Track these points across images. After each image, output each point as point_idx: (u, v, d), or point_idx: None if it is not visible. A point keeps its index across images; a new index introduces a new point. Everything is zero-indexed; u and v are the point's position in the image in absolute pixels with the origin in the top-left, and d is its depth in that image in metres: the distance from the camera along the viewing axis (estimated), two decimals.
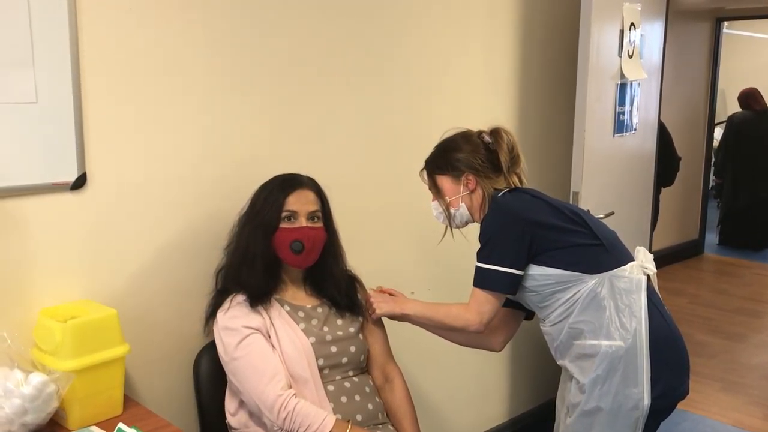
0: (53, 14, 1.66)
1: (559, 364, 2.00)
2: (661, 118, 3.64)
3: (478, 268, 1.89)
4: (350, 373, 1.92)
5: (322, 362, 1.84)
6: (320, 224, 1.91)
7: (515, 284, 1.87)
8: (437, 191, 2.02)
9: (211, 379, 1.95)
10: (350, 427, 1.74)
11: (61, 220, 1.74)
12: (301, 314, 1.90)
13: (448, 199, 2.00)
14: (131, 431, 1.52)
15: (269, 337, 1.81)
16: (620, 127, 3.13)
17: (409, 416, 1.97)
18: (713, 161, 6.86)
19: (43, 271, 1.73)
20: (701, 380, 3.84)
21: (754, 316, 5.06)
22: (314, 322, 1.90)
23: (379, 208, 2.52)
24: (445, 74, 2.68)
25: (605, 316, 1.84)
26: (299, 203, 1.87)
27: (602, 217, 2.79)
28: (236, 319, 1.81)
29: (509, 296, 1.93)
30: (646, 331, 1.82)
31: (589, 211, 2.47)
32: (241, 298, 1.85)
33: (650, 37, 3.31)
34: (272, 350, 1.79)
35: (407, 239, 2.63)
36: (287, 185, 1.89)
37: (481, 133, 2.00)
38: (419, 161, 2.07)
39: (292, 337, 1.83)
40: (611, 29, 2.96)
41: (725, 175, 6.78)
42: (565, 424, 1.97)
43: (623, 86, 3.09)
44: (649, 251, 2.01)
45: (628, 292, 1.84)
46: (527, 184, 2.01)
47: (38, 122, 1.67)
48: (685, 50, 5.94)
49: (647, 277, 1.89)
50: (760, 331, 4.78)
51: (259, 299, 1.84)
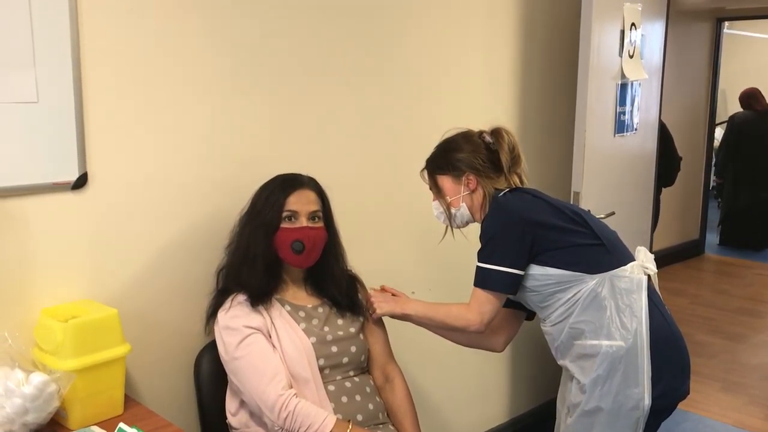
0: (54, 14, 1.66)
1: (559, 364, 2.00)
2: (661, 118, 3.64)
3: (478, 268, 1.89)
4: (351, 373, 1.92)
5: (322, 362, 1.84)
6: (321, 224, 1.91)
7: (516, 284, 1.87)
8: (438, 191, 2.02)
9: (211, 378, 1.95)
10: (351, 427, 1.74)
11: (62, 219, 1.74)
12: (301, 314, 1.90)
13: (448, 198, 2.00)
14: (132, 431, 1.52)
15: (270, 336, 1.81)
16: (621, 127, 3.13)
17: (409, 416, 1.97)
18: (714, 161, 6.85)
19: (44, 270, 1.73)
20: (702, 380, 3.84)
21: (754, 316, 5.05)
22: (315, 321, 1.90)
23: (379, 208, 2.52)
24: (445, 74, 2.68)
25: (606, 316, 1.84)
26: (300, 203, 1.87)
27: (603, 217, 2.79)
28: (237, 318, 1.81)
29: (510, 296, 1.93)
30: (646, 331, 1.82)
31: (589, 211, 2.47)
32: (241, 297, 1.85)
33: (651, 37, 3.31)
34: (273, 350, 1.79)
35: (407, 239, 2.63)
36: (288, 185, 1.89)
37: (481, 133, 2.00)
38: (419, 161, 2.07)
39: (292, 336, 1.83)
40: (612, 29, 2.96)
41: (726, 175, 6.78)
42: (565, 424, 1.97)
43: (624, 86, 3.09)
44: (649, 251, 2.01)
45: (628, 292, 1.84)
46: (528, 184, 2.01)
47: (39, 122, 1.67)
48: (685, 50, 5.94)
49: (648, 277, 1.89)
50: (760, 331, 4.77)
51: (259, 299, 1.84)
